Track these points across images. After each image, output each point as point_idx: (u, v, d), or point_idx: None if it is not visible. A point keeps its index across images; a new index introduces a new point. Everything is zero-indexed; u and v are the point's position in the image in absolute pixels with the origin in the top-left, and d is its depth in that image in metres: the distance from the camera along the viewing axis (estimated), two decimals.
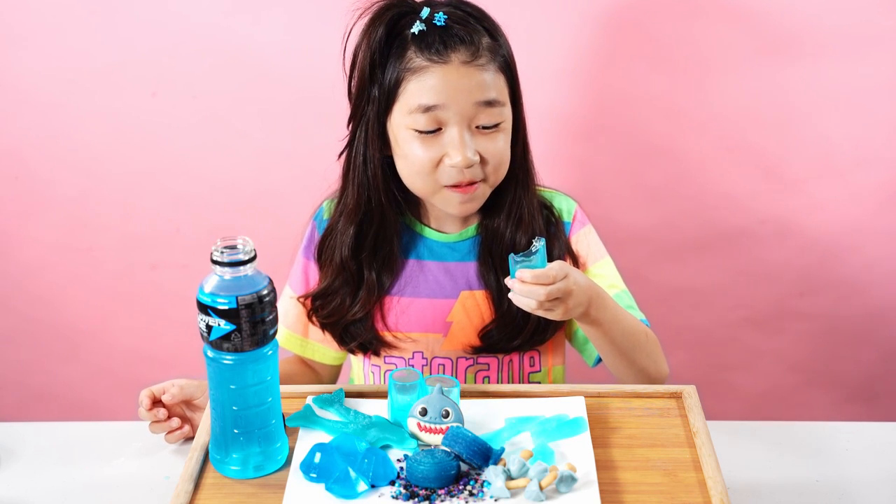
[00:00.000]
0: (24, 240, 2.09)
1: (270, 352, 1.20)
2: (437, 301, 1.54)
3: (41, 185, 2.05)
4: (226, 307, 1.15)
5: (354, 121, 1.50)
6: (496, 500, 1.14)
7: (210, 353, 1.18)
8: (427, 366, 1.56)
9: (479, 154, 1.44)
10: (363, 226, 1.52)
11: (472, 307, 1.54)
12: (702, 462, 1.21)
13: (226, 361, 1.18)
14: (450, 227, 1.57)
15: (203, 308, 1.16)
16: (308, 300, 1.57)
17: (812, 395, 2.16)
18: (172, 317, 2.10)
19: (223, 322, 1.15)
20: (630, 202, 2.02)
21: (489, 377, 1.57)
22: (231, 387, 1.19)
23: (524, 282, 1.29)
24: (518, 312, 1.49)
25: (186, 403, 1.44)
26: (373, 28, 1.44)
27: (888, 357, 2.13)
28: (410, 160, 1.45)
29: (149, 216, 2.06)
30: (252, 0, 1.92)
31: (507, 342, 1.53)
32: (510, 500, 1.14)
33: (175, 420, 1.42)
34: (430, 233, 1.56)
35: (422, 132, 1.43)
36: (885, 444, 1.43)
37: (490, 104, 1.43)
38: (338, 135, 1.53)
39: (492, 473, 1.15)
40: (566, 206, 1.60)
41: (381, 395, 1.33)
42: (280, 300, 1.57)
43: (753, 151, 1.99)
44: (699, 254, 2.06)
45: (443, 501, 1.14)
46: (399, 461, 1.21)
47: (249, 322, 1.16)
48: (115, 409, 2.14)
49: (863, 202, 2.01)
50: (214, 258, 1.16)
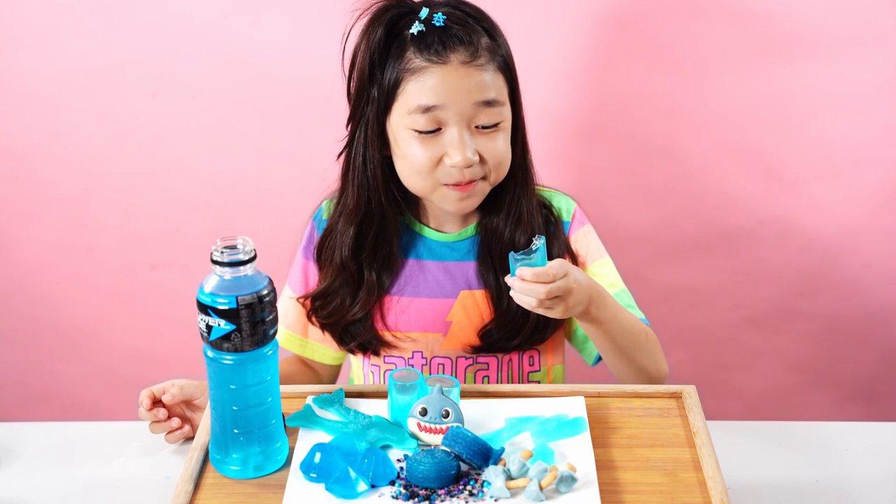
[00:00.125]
0: (24, 240, 2.09)
1: (270, 352, 1.20)
2: (437, 301, 1.54)
3: (41, 185, 2.05)
4: (226, 307, 1.15)
5: (353, 121, 1.50)
6: (496, 500, 1.14)
7: (210, 353, 1.18)
8: (427, 365, 1.56)
9: (479, 154, 1.44)
10: (363, 226, 1.52)
11: (472, 306, 1.54)
12: (702, 462, 1.21)
13: (226, 361, 1.18)
14: (449, 227, 1.57)
15: (203, 308, 1.16)
16: (308, 300, 1.57)
17: (812, 395, 2.16)
18: (172, 317, 2.10)
19: (223, 322, 1.15)
20: (630, 202, 2.02)
21: (489, 377, 1.57)
22: (231, 387, 1.19)
23: (524, 280, 1.29)
24: (517, 311, 1.49)
25: (186, 403, 1.44)
26: (372, 29, 1.44)
27: (888, 357, 2.13)
28: (410, 160, 1.45)
29: (149, 216, 2.06)
30: (252, 0, 1.93)
31: (507, 341, 1.53)
32: (510, 500, 1.14)
33: (175, 420, 1.42)
34: (430, 232, 1.56)
35: (421, 132, 1.43)
36: (885, 444, 1.43)
37: (489, 104, 1.43)
38: (337, 135, 1.53)
39: (492, 473, 1.15)
40: (565, 206, 1.60)
41: (381, 395, 1.33)
42: (280, 300, 1.57)
43: (753, 151, 1.99)
44: (699, 254, 2.06)
45: (443, 501, 1.14)
46: (399, 461, 1.21)
47: (249, 322, 1.16)
48: (115, 409, 2.14)
49: (862, 202, 2.01)
50: (214, 258, 1.16)
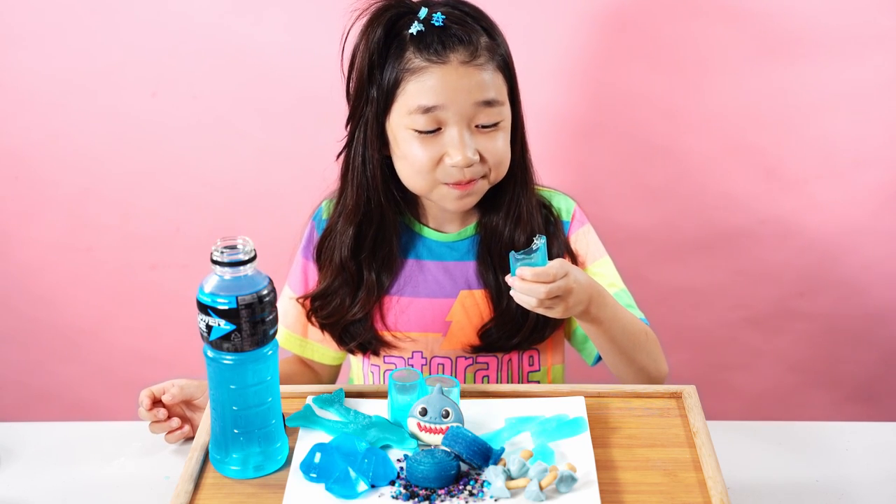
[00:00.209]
0: (24, 240, 2.08)
1: (270, 352, 1.20)
2: (437, 301, 1.54)
3: (41, 185, 2.05)
4: (226, 307, 1.15)
5: (353, 122, 1.50)
6: (496, 500, 1.14)
7: (210, 353, 1.18)
8: (426, 365, 1.56)
9: (479, 153, 1.44)
10: (362, 226, 1.52)
11: (472, 306, 1.54)
12: (702, 462, 1.21)
13: (226, 361, 1.18)
14: (449, 227, 1.57)
15: (203, 308, 1.16)
16: (307, 301, 1.57)
17: (812, 395, 2.16)
18: (172, 317, 2.10)
19: (223, 322, 1.15)
20: (630, 202, 2.02)
21: (488, 377, 1.57)
22: (231, 387, 1.18)
23: (524, 279, 1.29)
24: (517, 310, 1.49)
25: (186, 403, 1.44)
26: (371, 29, 1.44)
27: (888, 357, 2.13)
28: (410, 160, 1.45)
29: (149, 216, 2.06)
30: (252, 0, 1.93)
31: (506, 340, 1.53)
32: (510, 500, 1.14)
33: (175, 420, 1.42)
34: (430, 232, 1.56)
35: (421, 132, 1.43)
36: (885, 444, 1.43)
37: (489, 104, 1.43)
38: (337, 135, 1.53)
39: (492, 473, 1.15)
40: (565, 206, 1.60)
41: (381, 395, 1.33)
42: (279, 300, 1.57)
43: (753, 151, 1.99)
44: (699, 254, 2.06)
45: (443, 501, 1.14)
46: (399, 461, 1.21)
47: (249, 322, 1.16)
48: (115, 409, 2.14)
49: (862, 202, 2.01)
50: (214, 258, 1.16)
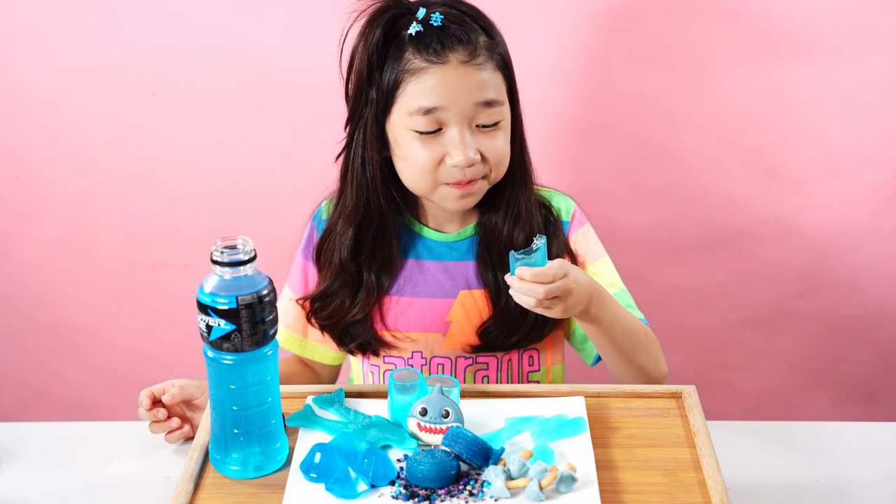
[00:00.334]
0: (24, 240, 2.08)
1: (270, 352, 1.20)
2: (436, 301, 1.54)
3: (41, 185, 2.05)
4: (226, 307, 1.15)
5: (352, 123, 1.50)
6: (496, 500, 1.14)
7: (210, 353, 1.18)
8: (426, 365, 1.56)
9: (480, 152, 1.44)
10: (362, 227, 1.51)
11: (471, 306, 1.54)
12: (702, 462, 1.21)
13: (226, 361, 1.18)
14: (448, 227, 1.57)
15: (203, 308, 1.16)
16: (307, 302, 1.57)
17: (812, 395, 2.16)
18: (172, 317, 2.10)
19: (223, 322, 1.15)
20: (630, 202, 2.02)
21: (488, 377, 1.57)
22: (231, 387, 1.18)
23: (523, 279, 1.29)
24: (516, 309, 1.49)
25: (186, 403, 1.44)
26: (370, 30, 1.44)
27: (888, 357, 2.13)
28: (412, 161, 1.45)
29: (149, 216, 2.06)
30: (252, 0, 1.93)
31: (506, 339, 1.53)
32: (510, 500, 1.14)
33: (175, 420, 1.42)
34: (429, 232, 1.56)
35: (422, 133, 1.43)
36: (885, 444, 1.43)
37: (489, 104, 1.43)
38: (337, 135, 1.52)
39: (492, 473, 1.15)
40: (565, 206, 1.60)
41: (381, 395, 1.33)
42: (279, 300, 1.57)
43: (753, 151, 1.99)
44: (699, 254, 2.06)
45: (443, 501, 1.14)
46: (399, 461, 1.21)
47: (249, 322, 1.16)
48: (115, 409, 2.14)
49: (862, 202, 2.01)
50: (214, 258, 1.16)
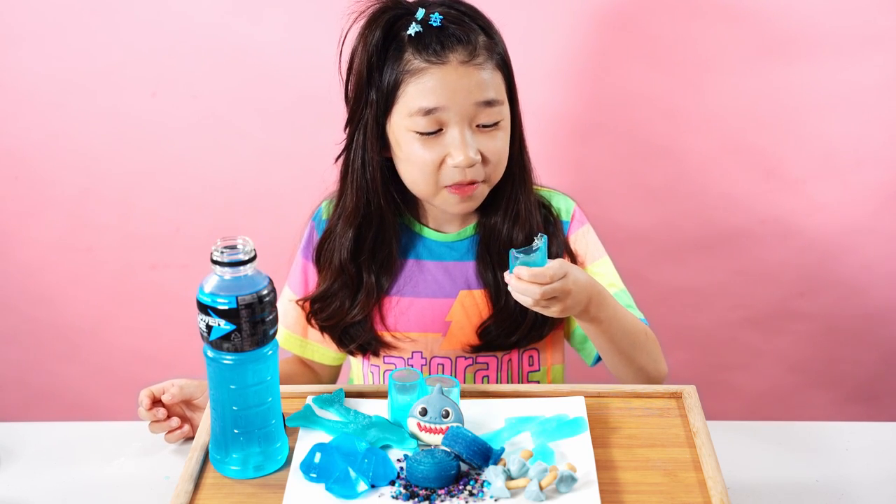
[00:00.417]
0: (24, 240, 2.08)
1: (270, 352, 1.20)
2: (436, 301, 1.54)
3: (41, 185, 2.05)
4: (226, 307, 1.15)
5: (352, 125, 1.49)
6: (496, 500, 1.14)
7: (210, 353, 1.18)
8: (426, 365, 1.56)
9: (480, 153, 1.44)
10: (362, 229, 1.51)
11: (471, 306, 1.54)
12: (702, 462, 1.21)
13: (226, 361, 1.18)
14: (448, 227, 1.56)
15: (203, 308, 1.16)
16: (307, 303, 1.57)
17: (812, 395, 2.16)
18: (172, 317, 2.10)
19: (223, 322, 1.15)
20: (630, 202, 2.02)
21: (488, 377, 1.57)
22: (231, 387, 1.19)
23: (521, 279, 1.29)
24: (515, 307, 1.49)
25: (186, 403, 1.44)
26: (369, 31, 1.44)
27: (888, 357, 2.13)
28: (413, 162, 1.45)
29: (149, 216, 2.06)
30: (252, 0, 1.92)
31: (505, 338, 1.53)
32: (510, 500, 1.14)
33: (175, 420, 1.42)
34: (429, 233, 1.56)
35: (423, 134, 1.43)
36: (885, 444, 1.43)
37: (489, 103, 1.43)
38: (337, 135, 1.52)
39: (492, 473, 1.15)
40: (564, 206, 1.60)
41: (381, 395, 1.33)
42: (279, 300, 1.57)
43: (753, 151, 1.99)
44: (699, 254, 2.06)
45: (443, 501, 1.14)
46: (399, 461, 1.21)
47: (249, 322, 1.16)
48: (115, 409, 2.14)
49: (862, 202, 2.01)
50: (214, 258, 1.16)
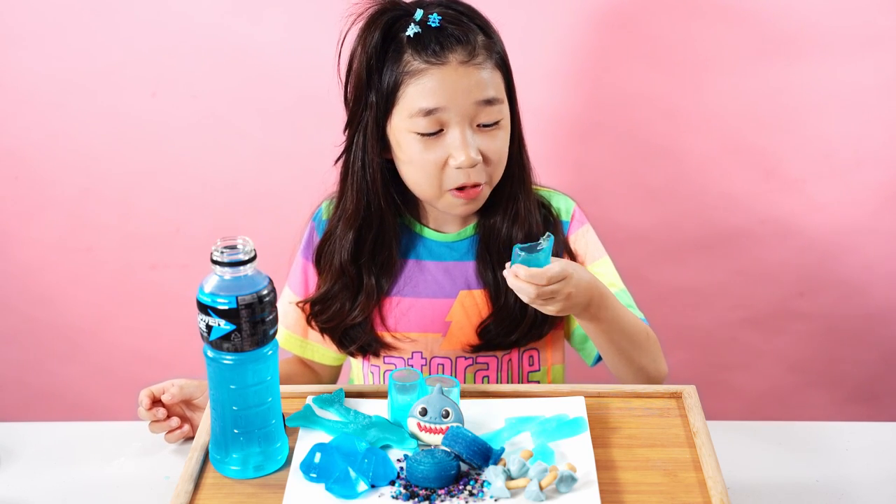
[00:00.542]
0: (24, 240, 2.08)
1: (270, 352, 1.20)
2: (436, 301, 1.54)
3: (41, 185, 2.05)
4: (226, 307, 1.15)
5: (351, 127, 1.49)
6: (496, 500, 1.14)
7: (210, 353, 1.18)
8: (426, 366, 1.56)
9: (482, 153, 1.44)
10: (362, 230, 1.51)
11: (471, 306, 1.54)
12: (702, 462, 1.21)
13: (226, 361, 1.18)
14: (448, 227, 1.56)
15: (203, 308, 1.16)
16: (307, 305, 1.57)
17: (812, 395, 2.16)
18: (172, 317, 2.10)
19: (223, 322, 1.15)
20: (630, 202, 2.02)
21: (488, 377, 1.57)
22: (231, 387, 1.19)
23: (517, 277, 1.29)
24: (515, 306, 1.49)
25: (186, 403, 1.44)
26: (368, 33, 1.44)
27: (888, 357, 2.13)
28: (416, 164, 1.45)
29: (149, 216, 2.06)
30: (252, 0, 1.93)
31: (505, 337, 1.53)
32: (510, 500, 1.14)
33: (174, 420, 1.42)
34: (429, 233, 1.56)
35: (423, 135, 1.43)
36: (886, 444, 1.43)
37: (490, 102, 1.43)
38: (337, 135, 1.52)
39: (492, 473, 1.15)
40: (564, 206, 1.60)
41: (381, 395, 1.33)
42: (280, 301, 1.57)
43: (753, 151, 1.99)
44: (699, 254, 2.06)
45: (443, 501, 1.14)
46: (399, 461, 1.21)
47: (249, 322, 1.16)
48: (115, 409, 2.14)
49: (862, 202, 2.01)
50: (214, 258, 1.16)
